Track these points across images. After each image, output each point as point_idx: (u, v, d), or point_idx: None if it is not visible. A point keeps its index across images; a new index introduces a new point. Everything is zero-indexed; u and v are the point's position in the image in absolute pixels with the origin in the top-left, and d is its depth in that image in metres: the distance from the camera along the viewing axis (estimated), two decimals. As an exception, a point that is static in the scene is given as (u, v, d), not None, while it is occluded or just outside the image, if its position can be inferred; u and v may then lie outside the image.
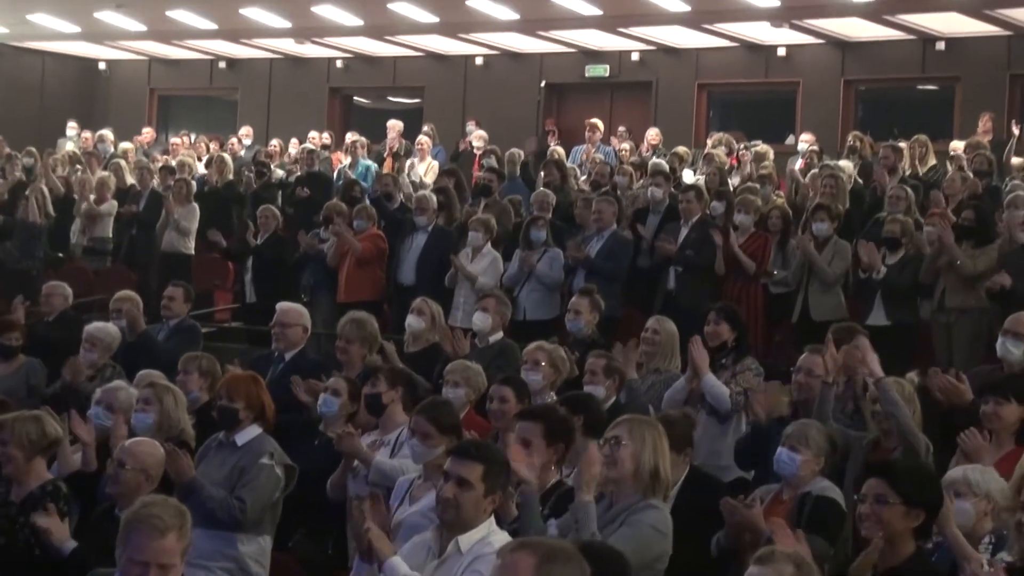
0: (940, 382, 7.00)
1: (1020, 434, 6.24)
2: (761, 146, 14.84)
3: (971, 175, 12.04)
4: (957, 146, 13.35)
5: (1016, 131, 14.10)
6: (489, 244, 11.40)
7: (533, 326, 10.52)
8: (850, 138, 14.90)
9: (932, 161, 13.06)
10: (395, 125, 17.60)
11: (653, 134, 16.50)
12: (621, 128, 17.30)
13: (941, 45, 16.70)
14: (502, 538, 4.67)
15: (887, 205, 11.12)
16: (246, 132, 18.59)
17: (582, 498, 4.98)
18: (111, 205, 14.81)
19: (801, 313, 10.52)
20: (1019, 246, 9.59)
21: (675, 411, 6.76)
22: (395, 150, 16.88)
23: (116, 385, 7.20)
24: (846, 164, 13.71)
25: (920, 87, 16.29)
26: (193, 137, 19.29)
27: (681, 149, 15.36)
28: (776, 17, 16.65)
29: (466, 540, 4.74)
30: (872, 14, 16.09)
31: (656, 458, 5.25)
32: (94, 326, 8.87)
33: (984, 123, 14.53)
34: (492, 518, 4.89)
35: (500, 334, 8.98)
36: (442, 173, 15.01)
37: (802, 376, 6.92)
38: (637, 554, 4.86)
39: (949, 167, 12.93)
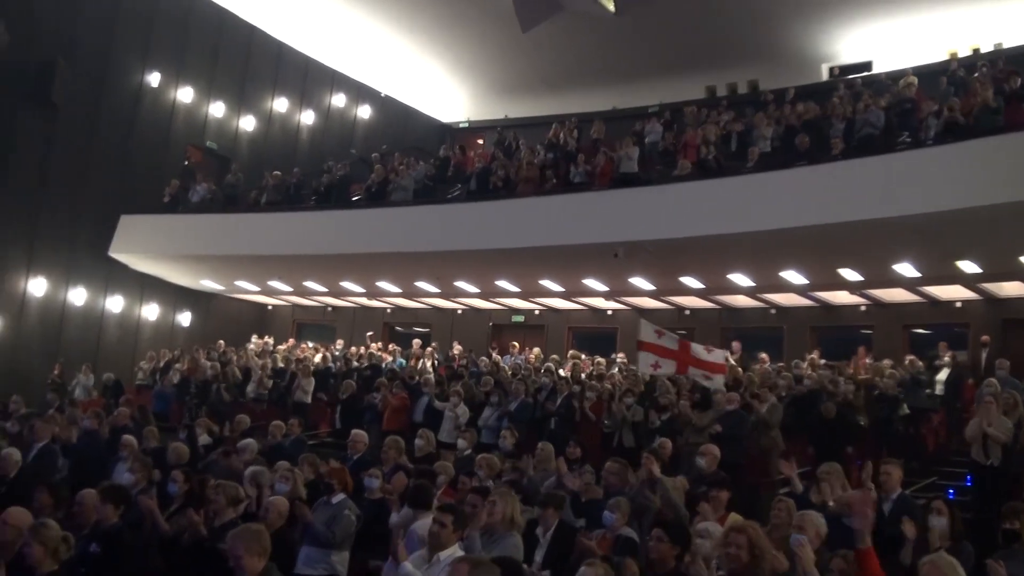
0: None
1: (727, 506, 6.15)
2: (599, 359, 14.95)
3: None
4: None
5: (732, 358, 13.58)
6: (462, 403, 11.37)
7: (484, 447, 10.31)
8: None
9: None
10: (417, 342, 17.54)
11: (537, 351, 16.59)
12: (527, 348, 17.31)
13: (688, 312, 17.07)
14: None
15: (658, 390, 11.15)
16: (340, 343, 18.45)
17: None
18: (267, 379, 14.65)
19: (618, 442, 10.47)
20: (724, 411, 9.67)
21: (552, 494, 6.47)
22: (416, 354, 16.83)
23: (261, 470, 6.92)
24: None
25: (678, 331, 16.54)
26: (312, 344, 19.20)
27: (555, 356, 15.39)
28: (607, 296, 16.92)
29: (444, 556, 4.64)
30: (654, 296, 16.42)
31: (511, 510, 5.21)
32: (243, 443, 8.48)
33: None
34: (458, 544, 4.78)
35: (470, 450, 8.86)
36: (437, 368, 15.05)
37: (608, 474, 6.87)
38: (513, 551, 4.91)
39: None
